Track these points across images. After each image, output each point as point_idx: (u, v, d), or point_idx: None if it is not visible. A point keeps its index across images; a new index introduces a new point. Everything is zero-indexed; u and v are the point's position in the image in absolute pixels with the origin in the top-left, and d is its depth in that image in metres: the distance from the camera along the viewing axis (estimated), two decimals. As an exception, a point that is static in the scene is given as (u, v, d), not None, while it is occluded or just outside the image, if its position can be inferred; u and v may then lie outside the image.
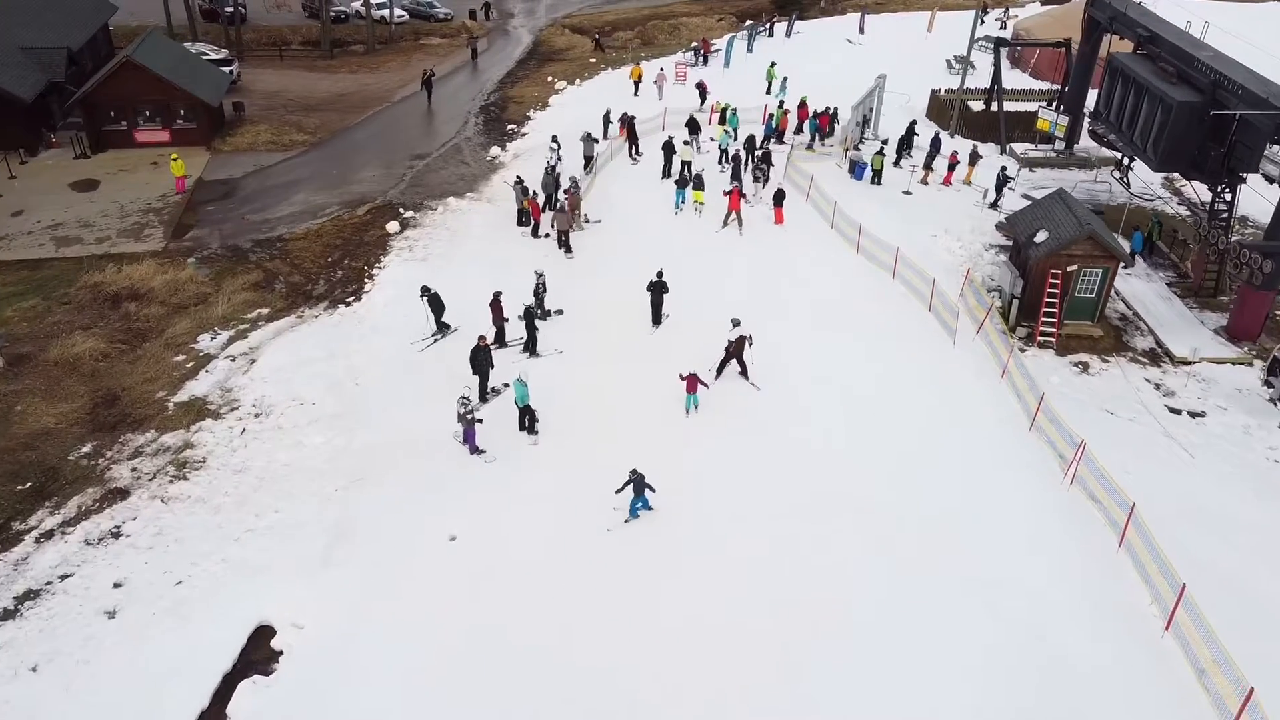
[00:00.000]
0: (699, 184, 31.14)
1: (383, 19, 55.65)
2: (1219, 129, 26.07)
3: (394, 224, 31.19)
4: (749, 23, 58.89)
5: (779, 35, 55.02)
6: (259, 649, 15.98)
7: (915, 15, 59.51)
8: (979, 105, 39.85)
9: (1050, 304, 25.28)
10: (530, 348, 23.92)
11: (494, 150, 38.06)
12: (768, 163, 33.02)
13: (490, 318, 23.81)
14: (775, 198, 30.74)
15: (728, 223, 30.21)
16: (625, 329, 25.02)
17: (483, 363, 21.77)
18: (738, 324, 22.81)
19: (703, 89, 41.24)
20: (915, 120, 37.59)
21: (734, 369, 22.89)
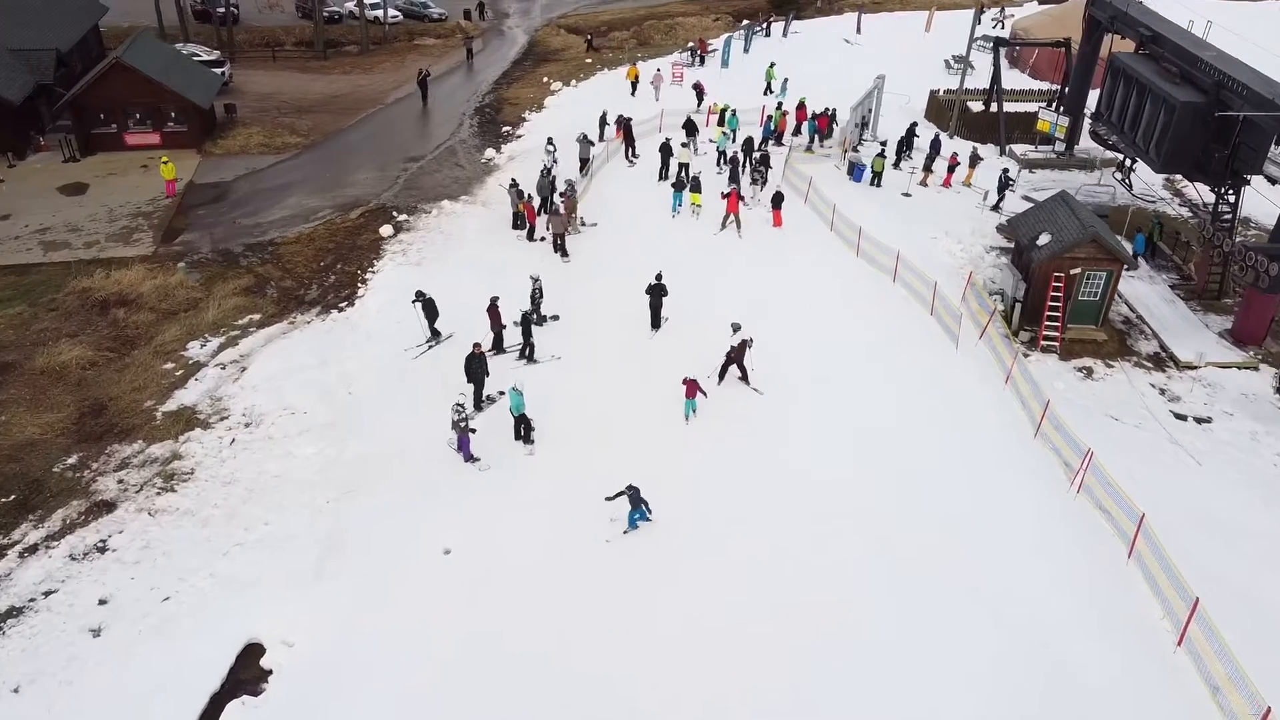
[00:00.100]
0: (696, 186, 30.77)
1: (377, 19, 55.17)
2: (1223, 130, 25.76)
3: (387, 227, 30.77)
4: (746, 22, 58.56)
5: (776, 35, 54.67)
6: (248, 668, 15.55)
7: (913, 15, 59.20)
8: (978, 106, 39.52)
9: (1053, 308, 24.95)
10: (527, 354, 23.52)
11: (489, 152, 37.65)
12: (766, 165, 32.66)
13: (488, 324, 23.40)
14: (774, 200, 30.38)
15: (726, 225, 29.84)
16: (623, 333, 24.64)
17: (478, 370, 21.36)
18: (738, 328, 22.47)
19: (700, 90, 40.86)
20: (916, 122, 37.23)
21: (734, 374, 22.54)
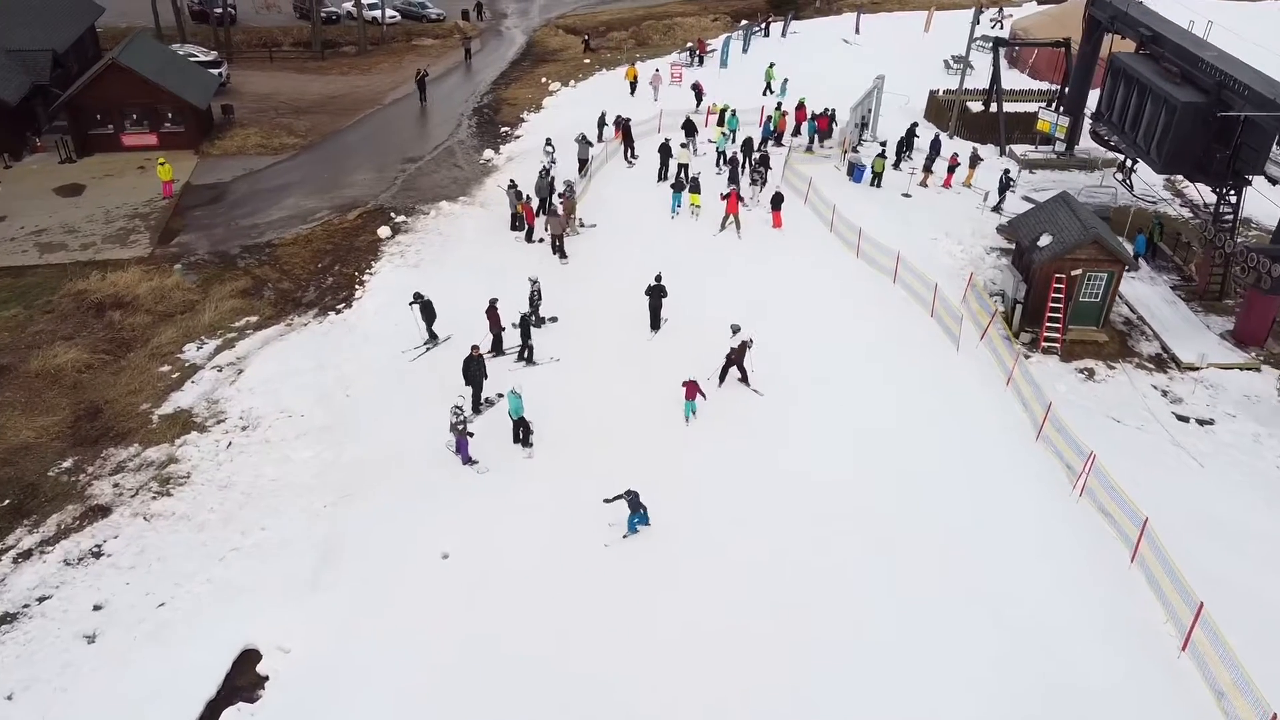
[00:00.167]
0: (696, 187, 30.63)
1: (374, 20, 54.99)
2: (1224, 131, 25.65)
3: (385, 229, 30.62)
4: (744, 23, 58.41)
5: (774, 35, 54.54)
6: (244, 674, 15.43)
7: (911, 15, 59.09)
8: (978, 106, 39.39)
9: (1055, 309, 24.83)
10: (527, 356, 23.39)
11: (487, 153, 37.50)
12: (765, 165, 32.52)
13: (487, 325, 23.26)
14: (773, 201, 30.25)
15: (725, 226, 29.71)
16: (622, 335, 24.51)
17: (476, 373, 21.22)
18: (737, 330, 22.35)
19: (699, 90, 40.72)
20: (916, 122, 37.11)
21: (734, 376, 22.42)
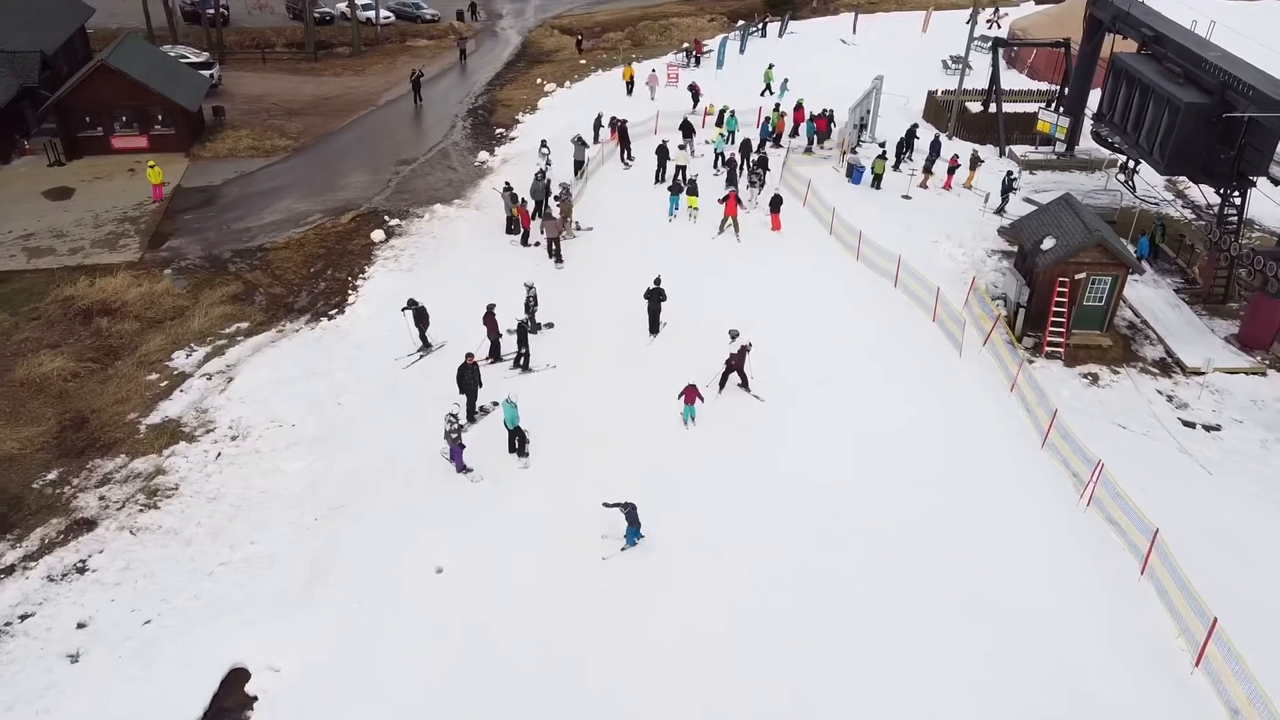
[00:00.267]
0: (693, 189, 30.25)
1: (368, 20, 54.55)
2: (1228, 132, 25.33)
3: (379, 232, 30.19)
4: (741, 23, 58.04)
5: (771, 35, 54.18)
6: (232, 694, 14.99)
7: (909, 15, 58.77)
8: (977, 106, 39.06)
9: (1058, 313, 24.49)
10: (523, 364, 22.97)
11: (482, 155, 37.10)
12: (764, 167, 32.14)
13: (485, 332, 22.85)
14: (772, 203, 29.86)
15: (724, 229, 29.34)
16: (620, 340, 24.13)
17: (470, 381, 20.80)
18: (736, 335, 21.98)
19: (695, 91, 40.35)
20: (917, 123, 36.77)
21: (735, 381, 22.05)
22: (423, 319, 23.44)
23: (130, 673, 15.05)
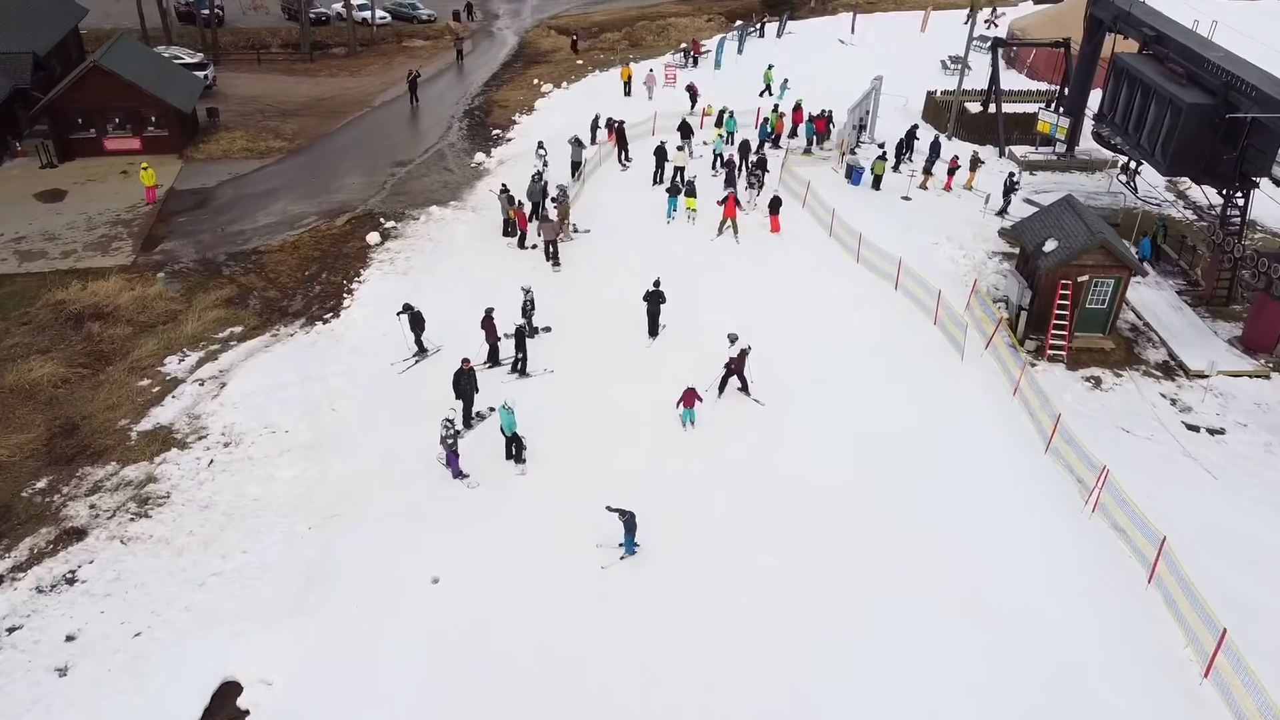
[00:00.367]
0: (692, 191, 30.00)
1: (364, 21, 54.28)
2: (1231, 132, 25.12)
3: (374, 235, 29.91)
4: (739, 23, 57.78)
5: (770, 36, 53.96)
6: (224, 708, 14.69)
7: (908, 15, 58.60)
8: (976, 107, 38.85)
9: (1061, 316, 24.25)
10: (520, 368, 22.70)
11: (479, 156, 36.81)
12: (763, 168, 31.89)
13: (482, 337, 22.59)
14: (771, 205, 29.62)
15: (722, 230, 29.09)
16: (618, 343, 23.89)
17: (466, 386, 20.53)
18: (735, 339, 21.75)
19: (693, 91, 40.11)
20: (917, 124, 36.55)
21: (734, 385, 21.80)
22: (418, 323, 23.17)
23: (120, 686, 14.75)
